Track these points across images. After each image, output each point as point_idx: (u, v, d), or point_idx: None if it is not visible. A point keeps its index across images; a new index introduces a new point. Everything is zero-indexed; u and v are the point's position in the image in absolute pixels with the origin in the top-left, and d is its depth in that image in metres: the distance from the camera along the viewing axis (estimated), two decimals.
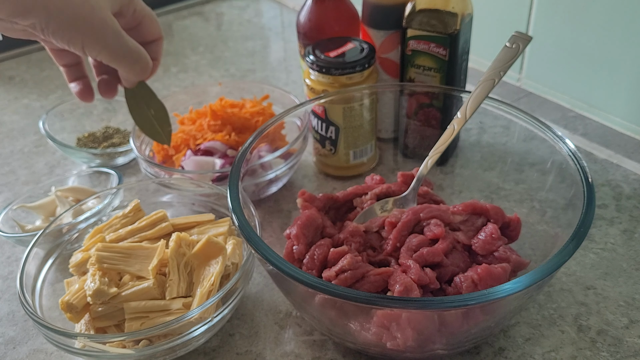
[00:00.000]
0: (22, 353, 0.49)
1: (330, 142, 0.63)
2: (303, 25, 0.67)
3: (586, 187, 0.43)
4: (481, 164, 0.63)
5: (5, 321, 0.52)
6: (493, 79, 0.50)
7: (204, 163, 0.62)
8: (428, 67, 0.60)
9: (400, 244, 0.47)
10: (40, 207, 0.61)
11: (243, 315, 0.50)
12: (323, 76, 0.61)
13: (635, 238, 0.55)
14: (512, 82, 0.82)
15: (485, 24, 0.77)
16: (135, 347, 0.43)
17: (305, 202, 0.52)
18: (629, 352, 0.45)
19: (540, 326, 0.48)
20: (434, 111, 0.61)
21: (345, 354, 0.46)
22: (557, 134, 0.48)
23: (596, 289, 0.50)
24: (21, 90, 0.92)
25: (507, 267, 0.43)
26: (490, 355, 0.46)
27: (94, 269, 0.46)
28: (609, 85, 0.69)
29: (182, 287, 0.45)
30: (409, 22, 0.59)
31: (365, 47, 0.62)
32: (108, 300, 0.44)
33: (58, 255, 0.54)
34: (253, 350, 0.47)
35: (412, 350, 0.41)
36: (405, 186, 0.54)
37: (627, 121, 0.69)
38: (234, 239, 0.51)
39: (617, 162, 0.65)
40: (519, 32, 0.51)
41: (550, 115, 0.74)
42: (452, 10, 0.57)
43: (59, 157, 0.75)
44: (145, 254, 0.47)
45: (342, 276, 0.43)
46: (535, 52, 0.76)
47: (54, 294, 0.51)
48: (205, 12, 1.16)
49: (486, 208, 0.48)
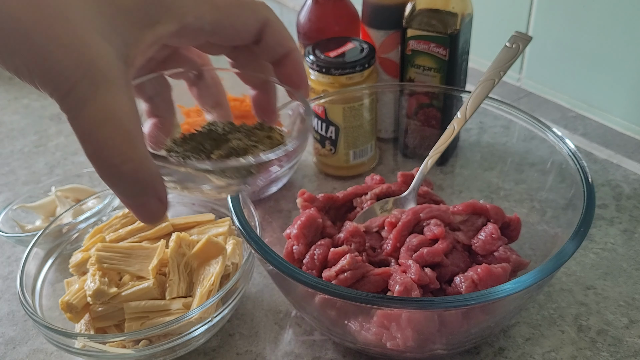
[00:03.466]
0: (22, 353, 0.49)
1: (330, 142, 0.63)
2: (303, 25, 0.67)
3: (586, 187, 0.43)
4: (481, 164, 0.63)
5: (5, 321, 0.52)
6: (493, 79, 0.50)
7: None
8: (428, 67, 0.60)
9: (400, 244, 0.47)
10: (40, 207, 0.61)
11: (243, 315, 0.50)
12: (323, 76, 0.61)
13: (635, 238, 0.55)
14: (512, 82, 0.82)
15: (485, 24, 0.77)
16: (135, 347, 0.43)
17: (305, 202, 0.52)
18: (629, 352, 0.45)
19: (540, 326, 0.48)
20: (434, 111, 0.61)
21: (345, 354, 0.46)
22: (557, 134, 0.48)
23: (596, 289, 0.50)
24: (21, 90, 0.92)
25: (507, 267, 0.43)
26: (490, 355, 0.46)
27: (94, 269, 0.46)
28: (609, 85, 0.69)
29: (182, 287, 0.45)
30: (409, 22, 0.59)
31: (365, 47, 0.62)
32: (108, 300, 0.44)
33: (58, 255, 0.54)
34: (253, 350, 0.47)
35: (412, 350, 0.41)
36: (405, 186, 0.54)
37: (627, 121, 0.69)
38: (234, 239, 0.51)
39: (617, 162, 0.65)
40: (519, 32, 0.51)
41: (550, 115, 0.74)
42: (452, 10, 0.57)
43: (59, 157, 0.75)
44: (145, 254, 0.47)
45: (342, 276, 0.43)
46: (535, 52, 0.76)
47: (54, 294, 0.51)
48: None
49: (486, 208, 0.48)
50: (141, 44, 0.26)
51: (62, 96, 0.24)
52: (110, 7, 0.25)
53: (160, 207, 0.26)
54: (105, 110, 0.24)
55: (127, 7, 0.26)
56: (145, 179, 0.25)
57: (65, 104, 0.24)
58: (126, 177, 0.25)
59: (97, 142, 0.24)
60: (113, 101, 0.24)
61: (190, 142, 0.31)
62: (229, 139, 0.31)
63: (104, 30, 0.25)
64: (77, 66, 0.23)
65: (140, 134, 0.25)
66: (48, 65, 0.23)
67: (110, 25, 0.25)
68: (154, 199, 0.26)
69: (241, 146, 0.31)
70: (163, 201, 0.26)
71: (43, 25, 0.23)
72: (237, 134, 0.32)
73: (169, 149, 0.31)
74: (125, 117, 0.24)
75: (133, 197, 0.26)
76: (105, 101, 0.24)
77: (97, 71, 0.24)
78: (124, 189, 0.25)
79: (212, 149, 0.31)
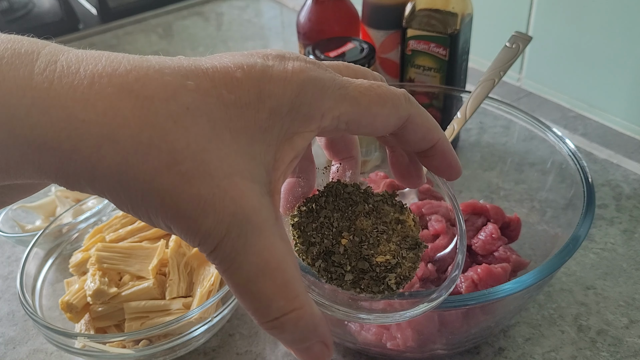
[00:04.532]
0: (22, 353, 0.49)
1: None
2: (303, 25, 0.67)
3: (586, 187, 0.43)
4: (481, 164, 0.63)
5: (5, 321, 0.52)
6: (493, 79, 0.50)
7: None
8: (428, 67, 0.60)
9: None
10: (40, 207, 0.61)
11: (243, 315, 0.50)
12: None
13: (635, 238, 0.55)
14: (512, 82, 0.82)
15: (485, 24, 0.77)
16: (135, 347, 0.43)
17: None
18: (629, 352, 0.45)
19: (540, 326, 0.48)
20: (434, 111, 0.61)
21: (345, 354, 0.46)
22: (557, 134, 0.48)
23: (596, 289, 0.50)
24: None
25: (507, 267, 0.43)
26: (490, 355, 0.46)
27: (94, 269, 0.46)
28: (609, 85, 0.69)
29: (182, 287, 0.45)
30: (409, 22, 0.59)
31: (365, 47, 0.62)
32: (108, 300, 0.44)
33: (58, 255, 0.54)
34: (253, 350, 0.47)
35: (412, 351, 0.41)
36: None
37: (627, 121, 0.69)
38: None
39: (617, 162, 0.65)
40: (519, 32, 0.51)
41: (550, 115, 0.74)
42: (452, 10, 0.57)
43: None
44: (145, 254, 0.47)
45: None
46: (535, 52, 0.76)
47: (54, 294, 0.51)
48: (205, 12, 1.16)
49: (486, 208, 0.48)
50: (282, 165, 0.23)
51: (210, 253, 0.22)
52: (245, 134, 0.22)
53: (325, 351, 0.25)
54: (259, 262, 0.22)
55: (262, 126, 0.22)
56: (307, 326, 0.23)
57: (213, 259, 0.22)
58: (288, 326, 0.23)
59: (255, 296, 0.22)
60: (265, 249, 0.22)
61: (315, 215, 0.29)
62: (356, 213, 0.29)
63: (242, 164, 0.22)
64: (222, 221, 0.21)
65: (299, 279, 0.23)
66: (191, 222, 0.21)
67: (247, 156, 0.22)
68: (319, 344, 0.24)
69: (376, 252, 0.28)
70: (328, 345, 0.25)
71: (179, 182, 0.20)
72: (363, 206, 0.29)
73: (298, 225, 0.29)
74: (282, 266, 0.22)
75: (296, 344, 0.24)
76: (258, 252, 0.22)
77: (245, 219, 0.21)
78: (285, 336, 0.24)
79: (340, 227, 0.28)
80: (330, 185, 0.30)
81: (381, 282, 0.28)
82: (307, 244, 0.28)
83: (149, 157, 0.20)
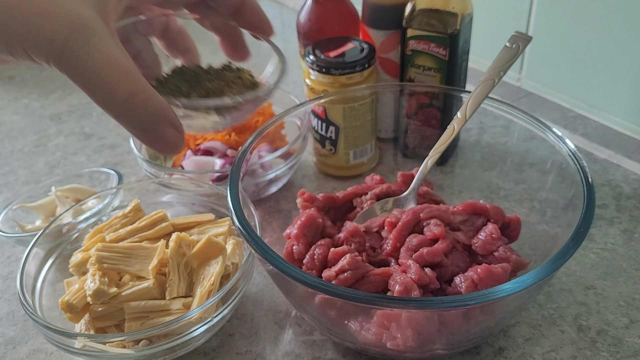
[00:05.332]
0: (22, 353, 0.49)
1: (330, 142, 0.63)
2: (303, 25, 0.67)
3: (586, 187, 0.43)
4: (481, 164, 0.63)
5: (5, 321, 0.52)
6: (493, 79, 0.50)
7: (204, 163, 0.62)
8: (428, 67, 0.60)
9: (400, 244, 0.47)
10: (40, 207, 0.61)
11: (243, 315, 0.50)
12: (323, 76, 0.61)
13: (635, 238, 0.55)
14: (512, 82, 0.82)
15: (485, 24, 0.77)
16: (135, 347, 0.43)
17: (305, 202, 0.52)
18: (629, 352, 0.45)
19: (540, 326, 0.48)
20: (434, 111, 0.61)
21: (345, 354, 0.46)
22: (557, 134, 0.48)
23: (596, 289, 0.50)
24: (21, 90, 0.92)
25: (507, 267, 0.43)
26: (490, 355, 0.46)
27: (94, 269, 0.46)
28: (609, 85, 0.69)
29: (182, 287, 0.45)
30: (409, 22, 0.59)
31: (365, 47, 0.62)
32: (108, 300, 0.44)
33: (58, 255, 0.54)
34: (253, 350, 0.47)
35: (412, 350, 0.41)
36: (405, 186, 0.54)
37: (627, 121, 0.69)
38: (234, 239, 0.51)
39: (617, 162, 0.65)
40: (519, 32, 0.51)
41: (550, 115, 0.74)
42: (452, 10, 0.57)
43: (59, 157, 0.75)
44: (145, 254, 0.47)
45: (342, 276, 0.43)
46: (535, 52, 0.76)
47: (54, 294, 0.51)
48: None
49: (486, 208, 0.48)
50: (111, 2, 0.29)
51: (58, 56, 0.26)
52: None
53: (177, 135, 0.28)
54: (102, 55, 0.26)
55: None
56: (156, 107, 0.27)
57: (62, 61, 0.26)
58: (138, 108, 0.27)
59: (103, 85, 0.26)
60: (106, 47, 0.26)
61: (167, 86, 0.33)
62: (201, 81, 0.34)
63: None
64: (63, 25, 0.26)
65: (139, 72, 0.27)
66: (38, 33, 0.25)
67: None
68: (170, 127, 0.28)
69: (216, 87, 0.33)
70: (179, 128, 0.28)
71: (26, 3, 0.26)
72: (207, 75, 0.34)
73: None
74: (122, 58, 0.27)
75: (150, 129, 0.27)
76: (100, 48, 0.26)
77: (83, 25, 0.26)
78: (139, 122, 0.27)
79: (189, 90, 0.33)
80: (175, 68, 0.36)
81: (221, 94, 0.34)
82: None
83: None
